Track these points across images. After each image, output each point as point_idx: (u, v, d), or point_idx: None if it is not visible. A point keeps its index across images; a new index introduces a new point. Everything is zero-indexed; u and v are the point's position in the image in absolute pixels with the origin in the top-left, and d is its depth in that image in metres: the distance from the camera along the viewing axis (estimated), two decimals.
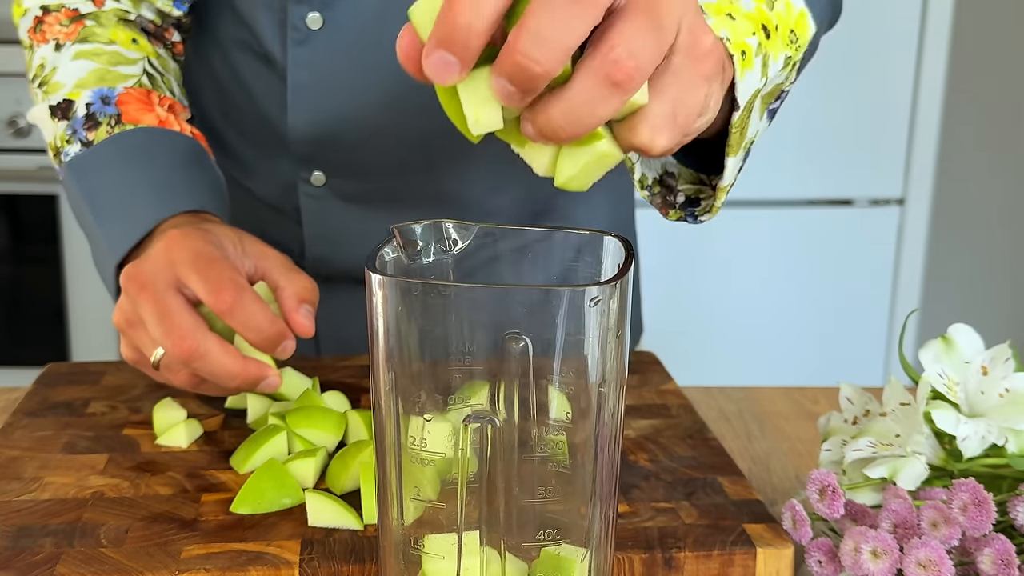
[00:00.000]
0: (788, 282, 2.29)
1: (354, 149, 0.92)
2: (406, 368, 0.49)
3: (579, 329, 0.47)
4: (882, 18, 2.19)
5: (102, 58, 0.88)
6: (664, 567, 0.62)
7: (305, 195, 0.96)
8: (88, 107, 0.86)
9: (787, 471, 0.83)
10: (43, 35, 0.90)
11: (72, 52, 0.88)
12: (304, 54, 0.89)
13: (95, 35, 0.89)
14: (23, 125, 2.11)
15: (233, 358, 0.72)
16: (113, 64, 0.88)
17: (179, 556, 0.61)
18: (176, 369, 0.74)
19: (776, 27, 0.67)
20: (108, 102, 0.86)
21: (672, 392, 0.86)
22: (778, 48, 0.67)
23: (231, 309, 0.71)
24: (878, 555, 0.58)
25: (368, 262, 0.49)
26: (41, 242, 2.18)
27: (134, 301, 0.73)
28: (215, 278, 0.72)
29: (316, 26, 0.89)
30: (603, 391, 0.49)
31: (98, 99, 0.86)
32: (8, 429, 0.77)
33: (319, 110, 0.91)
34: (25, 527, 0.64)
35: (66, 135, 0.86)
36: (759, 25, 0.65)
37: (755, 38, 0.64)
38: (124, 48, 0.89)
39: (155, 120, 0.87)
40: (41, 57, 0.90)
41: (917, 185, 2.27)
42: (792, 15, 0.69)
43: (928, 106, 2.23)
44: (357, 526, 0.64)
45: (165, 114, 0.87)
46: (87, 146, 0.85)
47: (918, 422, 0.63)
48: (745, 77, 0.64)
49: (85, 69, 0.87)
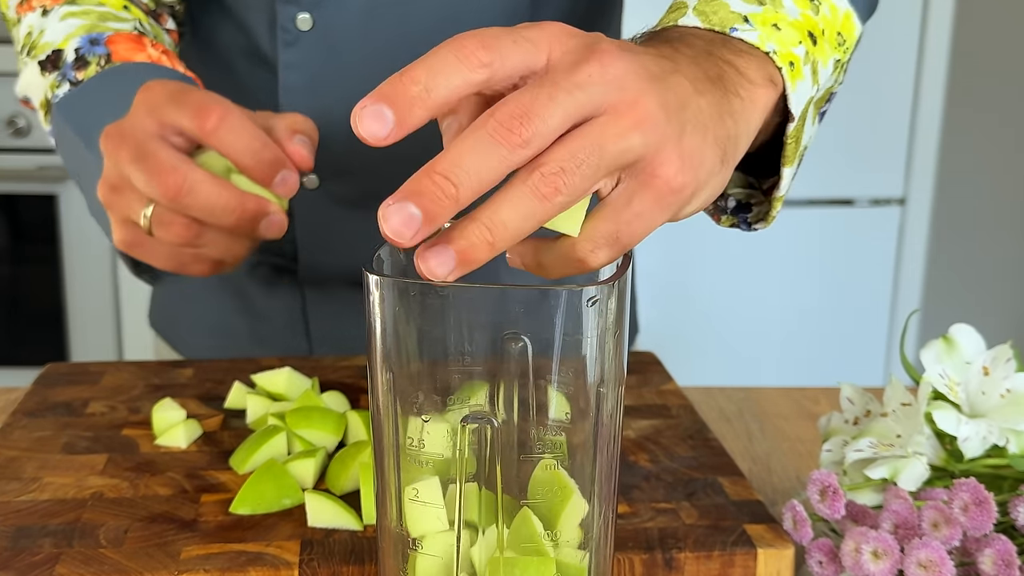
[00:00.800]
0: (788, 282, 2.29)
1: (348, 151, 0.92)
2: (404, 369, 0.49)
3: (577, 329, 0.47)
4: (882, 18, 2.19)
5: (92, 16, 0.84)
6: (664, 568, 0.62)
7: (298, 198, 0.95)
8: (77, 51, 0.81)
9: (788, 471, 0.83)
10: (29, 4, 0.87)
11: (60, 13, 0.85)
12: (295, 55, 0.89)
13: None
14: (23, 125, 2.11)
15: (228, 189, 0.66)
16: (103, 20, 0.84)
17: (179, 556, 0.61)
18: (168, 220, 0.68)
19: (823, 31, 0.65)
20: (97, 43, 0.81)
21: (672, 392, 0.86)
22: (826, 53, 0.65)
23: (216, 128, 0.66)
24: (879, 556, 0.58)
25: (366, 263, 0.49)
26: (41, 242, 2.18)
27: (115, 157, 0.68)
28: (196, 102, 0.67)
29: (306, 27, 0.88)
30: (602, 391, 0.49)
31: (87, 42, 0.81)
32: (7, 429, 0.77)
33: (312, 112, 0.91)
34: (24, 527, 0.64)
35: (56, 82, 0.82)
36: (805, 32, 0.63)
37: (802, 47, 0.62)
38: (115, 9, 0.86)
39: (147, 59, 0.82)
40: (28, 25, 0.86)
41: (918, 185, 2.27)
42: (838, 17, 0.67)
43: (929, 106, 2.23)
44: (357, 527, 0.64)
45: (158, 55, 0.82)
46: (75, 85, 0.80)
47: (919, 422, 0.63)
48: (797, 87, 0.61)
49: (74, 25, 0.83)
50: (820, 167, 2.24)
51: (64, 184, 2.13)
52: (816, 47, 0.63)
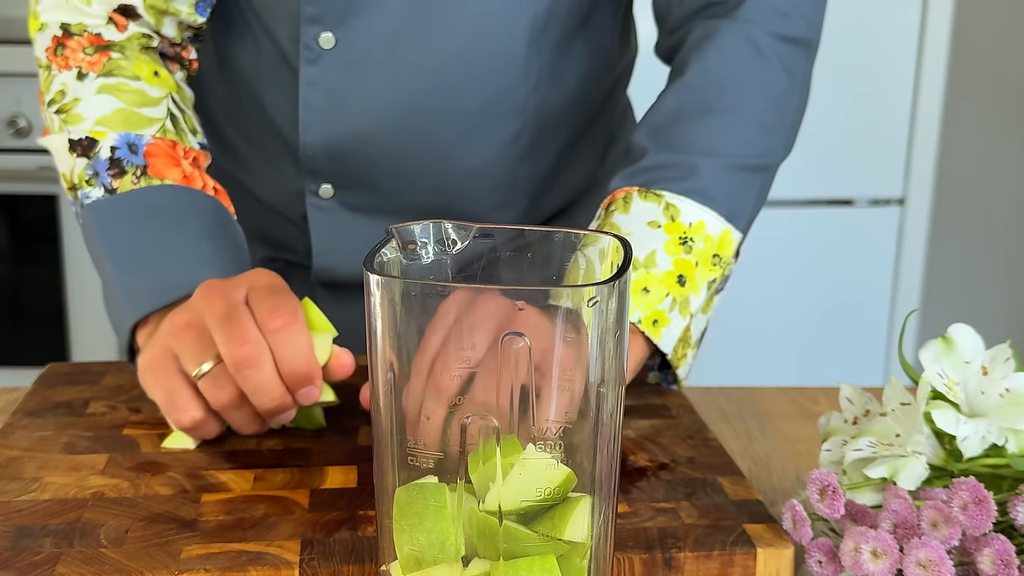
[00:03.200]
0: (788, 282, 2.29)
1: (364, 165, 0.93)
2: (404, 368, 0.49)
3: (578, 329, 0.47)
4: (882, 18, 2.19)
5: (126, 96, 0.86)
6: (664, 567, 0.62)
7: (313, 206, 0.96)
8: (113, 151, 0.85)
9: (787, 471, 0.83)
10: (65, 60, 0.88)
11: (96, 86, 0.86)
12: (316, 73, 0.90)
13: (120, 68, 0.87)
14: (23, 125, 2.11)
15: (279, 379, 0.72)
16: (138, 105, 0.87)
17: (179, 556, 0.61)
18: (223, 382, 0.72)
19: (697, 264, 0.80)
20: (135, 151, 0.85)
21: (672, 392, 0.86)
22: (698, 284, 0.80)
23: (279, 329, 0.72)
24: (878, 555, 0.58)
25: (366, 262, 0.49)
26: (41, 242, 2.18)
27: (208, 306, 0.73)
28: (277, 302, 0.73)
29: (328, 46, 0.89)
30: (602, 391, 0.49)
31: (124, 145, 0.85)
32: (8, 429, 0.77)
33: (331, 129, 0.91)
34: (25, 527, 0.64)
35: (86, 175, 0.85)
36: (674, 280, 0.79)
37: (668, 298, 0.78)
38: (148, 85, 0.88)
39: (180, 175, 0.86)
40: (62, 83, 0.87)
41: (917, 185, 2.27)
42: (713, 243, 0.81)
43: (928, 106, 2.23)
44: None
45: (190, 169, 0.87)
46: (110, 192, 0.84)
47: (918, 422, 0.63)
48: (663, 335, 0.79)
49: (109, 106, 0.86)
50: (820, 167, 2.24)
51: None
52: (685, 287, 0.79)
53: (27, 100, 2.10)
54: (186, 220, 0.84)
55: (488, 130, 0.92)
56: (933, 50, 2.20)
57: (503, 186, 0.96)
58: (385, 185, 0.94)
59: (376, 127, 0.91)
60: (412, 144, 0.92)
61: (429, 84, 0.90)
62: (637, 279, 0.78)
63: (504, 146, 0.94)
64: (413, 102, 0.90)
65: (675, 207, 0.80)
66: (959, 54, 2.42)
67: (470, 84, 0.90)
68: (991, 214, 2.68)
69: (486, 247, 0.57)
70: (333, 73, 0.89)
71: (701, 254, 0.80)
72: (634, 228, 0.80)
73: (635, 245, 0.78)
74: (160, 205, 0.84)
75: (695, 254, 0.80)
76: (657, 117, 0.86)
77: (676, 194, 0.81)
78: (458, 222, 0.55)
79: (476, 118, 0.92)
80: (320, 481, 0.70)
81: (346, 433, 0.77)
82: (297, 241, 1.01)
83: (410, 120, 0.91)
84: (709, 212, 0.81)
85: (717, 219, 0.81)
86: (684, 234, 0.80)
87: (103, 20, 0.88)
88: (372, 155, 0.92)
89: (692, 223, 0.80)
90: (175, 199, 0.84)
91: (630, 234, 0.79)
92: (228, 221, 0.87)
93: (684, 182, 0.81)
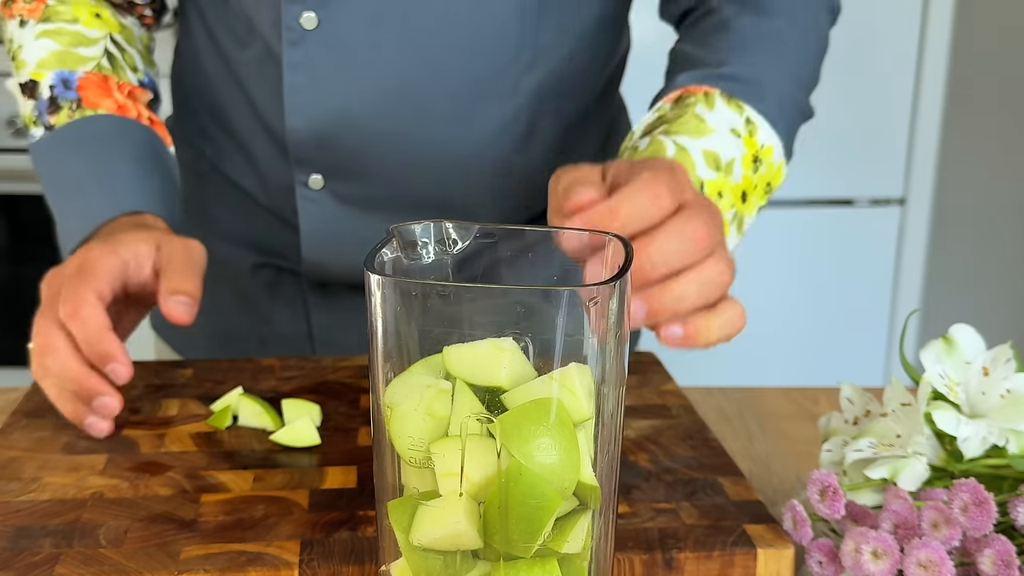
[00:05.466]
0: (788, 282, 2.29)
1: (353, 152, 0.92)
2: (405, 368, 0.49)
3: (579, 329, 0.47)
4: (882, 18, 2.19)
5: (63, 38, 0.91)
6: (664, 568, 0.62)
7: (303, 198, 0.95)
8: (51, 89, 0.90)
9: (788, 472, 0.83)
10: (10, 10, 0.94)
11: (35, 31, 0.92)
12: (299, 55, 0.89)
13: (57, 14, 0.92)
14: (23, 125, 2.11)
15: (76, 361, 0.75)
16: (74, 45, 0.91)
17: (178, 556, 0.61)
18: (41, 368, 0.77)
19: (755, 186, 0.81)
20: (69, 86, 0.90)
21: (672, 392, 0.86)
22: (753, 206, 0.81)
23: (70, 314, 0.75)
24: (879, 556, 0.58)
25: (367, 262, 0.49)
26: (41, 242, 2.18)
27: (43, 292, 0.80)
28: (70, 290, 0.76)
29: (311, 26, 0.88)
30: (603, 391, 0.49)
31: (60, 82, 0.90)
32: (7, 429, 0.77)
33: (316, 112, 0.90)
34: (24, 527, 0.64)
35: (32, 116, 0.91)
36: (739, 194, 0.79)
37: (733, 210, 0.78)
38: (86, 27, 0.92)
39: (113, 105, 0.90)
40: (10, 32, 0.94)
41: (917, 185, 2.27)
42: (772, 170, 0.82)
43: (929, 106, 2.23)
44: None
45: (124, 99, 0.91)
46: (49, 130, 0.90)
47: (919, 423, 0.63)
48: None
49: (46, 49, 0.91)
50: (820, 167, 2.24)
51: None
52: (745, 204, 0.80)
53: None
54: (113, 146, 0.88)
55: (480, 113, 0.91)
56: (933, 50, 2.20)
57: (499, 173, 0.94)
58: (375, 173, 0.93)
59: (363, 109, 0.90)
60: (402, 127, 0.90)
61: (417, 64, 0.88)
62: (715, 181, 0.77)
63: (498, 130, 0.92)
64: (401, 83, 0.89)
65: (754, 124, 0.81)
66: (959, 54, 2.42)
67: (460, 64, 0.89)
68: (991, 214, 2.68)
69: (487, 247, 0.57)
70: (317, 54, 0.89)
71: (762, 178, 0.81)
72: (718, 127, 0.79)
73: (717, 146, 0.77)
74: (91, 135, 0.89)
75: (758, 176, 0.80)
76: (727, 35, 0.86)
77: (755, 111, 0.81)
78: (459, 221, 0.55)
79: (467, 100, 0.90)
80: (320, 481, 0.70)
81: (346, 433, 0.77)
82: (288, 246, 1.00)
83: (398, 102, 0.89)
84: (776, 139, 0.82)
85: (780, 149, 0.82)
86: (757, 153, 0.80)
87: None
88: (361, 140, 0.91)
89: (764, 145, 0.81)
90: (106, 127, 0.89)
91: (714, 130, 0.78)
92: (159, 147, 0.91)
93: (759, 103, 0.82)
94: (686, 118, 0.78)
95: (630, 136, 0.82)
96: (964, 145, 2.60)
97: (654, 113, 0.82)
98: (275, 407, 0.78)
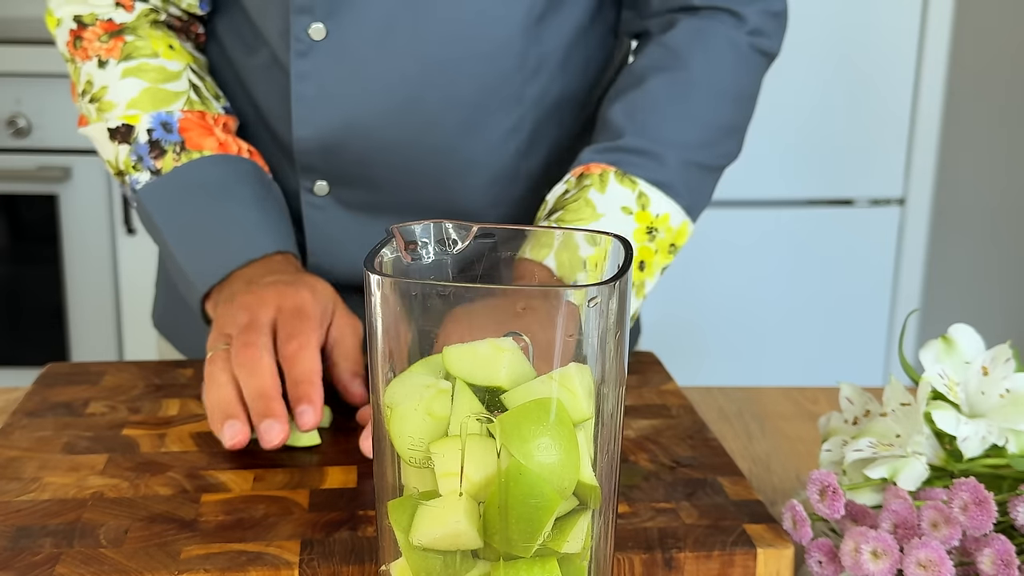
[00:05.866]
0: (788, 282, 2.29)
1: (358, 160, 0.92)
2: (405, 368, 0.49)
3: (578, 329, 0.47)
4: (882, 18, 2.19)
5: (149, 75, 0.91)
6: (664, 567, 0.62)
7: (308, 204, 0.95)
8: (150, 133, 0.90)
9: (787, 471, 0.83)
10: (84, 52, 0.93)
11: (119, 71, 0.91)
12: (307, 65, 0.89)
13: (138, 49, 0.92)
14: (23, 125, 2.11)
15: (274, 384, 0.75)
16: (162, 82, 0.91)
17: (179, 556, 0.61)
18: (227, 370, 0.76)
19: (656, 252, 0.86)
20: (170, 129, 0.90)
21: (672, 392, 0.86)
22: (654, 271, 0.86)
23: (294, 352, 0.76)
24: (878, 555, 0.58)
25: (367, 262, 0.49)
26: (41, 242, 2.18)
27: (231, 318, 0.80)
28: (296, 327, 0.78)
29: (319, 37, 0.88)
30: (603, 391, 0.49)
31: (159, 125, 0.90)
32: (8, 429, 0.77)
33: (324, 122, 0.91)
34: (25, 527, 0.64)
35: (131, 161, 0.90)
36: (637, 264, 0.84)
37: None
38: (166, 60, 0.93)
39: (215, 143, 0.91)
40: (87, 74, 0.93)
41: (917, 185, 2.27)
42: (672, 232, 0.87)
43: (928, 106, 2.23)
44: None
45: (223, 136, 0.92)
46: (155, 174, 0.90)
47: (918, 422, 0.63)
48: None
49: (136, 88, 0.91)
50: (820, 167, 2.24)
51: (64, 184, 2.13)
52: (644, 271, 0.85)
53: (27, 100, 2.10)
54: (231, 190, 0.90)
55: (485, 122, 0.92)
56: (933, 50, 2.20)
57: (502, 181, 0.95)
58: (381, 180, 0.94)
59: (370, 119, 0.90)
60: (407, 137, 0.91)
61: (423, 75, 0.89)
62: None
63: (502, 139, 0.93)
64: (407, 93, 0.90)
65: (647, 196, 0.86)
66: (959, 54, 2.42)
67: (466, 74, 0.90)
68: (991, 214, 2.68)
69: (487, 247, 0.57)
70: (325, 65, 0.89)
71: (662, 243, 0.87)
72: (608, 210, 0.84)
73: (607, 227, 0.83)
74: (205, 179, 0.90)
75: (656, 243, 0.86)
76: (636, 95, 0.90)
77: (649, 184, 0.86)
78: (459, 222, 0.55)
79: (473, 109, 0.91)
80: (320, 481, 0.70)
81: (346, 433, 0.77)
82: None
83: (405, 112, 0.90)
84: (674, 205, 0.87)
85: (680, 212, 0.87)
86: (651, 224, 0.86)
87: (111, 5, 0.93)
88: (367, 148, 0.92)
89: (659, 214, 0.86)
90: (217, 170, 0.90)
91: (603, 215, 0.84)
92: (267, 181, 0.93)
93: (656, 172, 0.86)
94: (579, 204, 0.85)
95: (543, 205, 0.88)
96: (964, 145, 2.60)
97: (562, 185, 0.88)
98: None
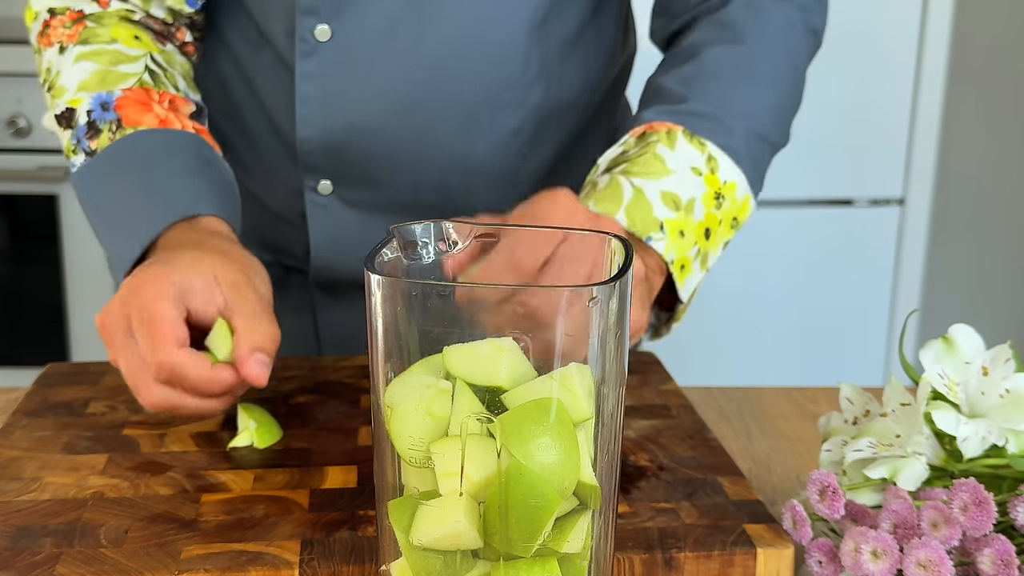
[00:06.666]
0: (788, 282, 2.29)
1: (362, 160, 0.92)
2: (405, 368, 0.49)
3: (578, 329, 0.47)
4: (882, 18, 2.19)
5: (103, 58, 0.87)
6: (664, 567, 0.62)
7: (311, 203, 0.96)
8: (89, 114, 0.85)
9: (787, 471, 0.83)
10: (48, 39, 0.89)
11: (74, 54, 0.87)
12: (311, 66, 0.89)
13: (96, 35, 0.88)
14: (23, 125, 2.11)
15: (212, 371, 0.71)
16: (114, 63, 0.87)
17: (179, 556, 0.61)
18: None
19: (720, 221, 0.82)
20: (107, 108, 0.85)
21: (672, 392, 0.86)
22: (718, 242, 0.83)
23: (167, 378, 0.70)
24: (878, 555, 0.58)
25: (367, 262, 0.49)
26: (41, 242, 2.18)
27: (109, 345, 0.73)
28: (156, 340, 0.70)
29: (324, 38, 0.88)
30: (603, 391, 0.49)
31: (98, 105, 0.85)
32: (8, 429, 0.77)
33: (328, 122, 0.91)
34: (25, 527, 0.64)
35: (71, 145, 0.85)
36: (703, 232, 0.80)
37: (695, 248, 0.80)
38: (125, 46, 0.88)
39: (155, 120, 0.85)
40: (47, 61, 0.89)
41: (917, 185, 2.27)
42: (736, 205, 0.83)
43: (928, 106, 2.23)
44: None
45: (164, 112, 0.86)
46: (90, 155, 0.84)
47: (918, 422, 0.63)
48: (685, 282, 0.81)
49: (87, 71, 0.86)
50: (820, 167, 2.24)
51: (64, 184, 2.13)
52: (709, 240, 0.81)
53: (27, 100, 2.10)
54: (160, 161, 0.82)
55: (488, 124, 0.92)
56: (933, 49, 2.20)
57: (504, 182, 0.95)
58: (384, 180, 0.94)
59: (374, 120, 0.90)
60: (411, 138, 0.91)
61: (427, 76, 0.89)
62: (676, 220, 0.79)
63: (505, 140, 0.93)
64: (411, 95, 0.90)
65: (716, 160, 0.82)
66: (959, 53, 2.42)
67: (469, 76, 0.90)
68: (991, 214, 2.68)
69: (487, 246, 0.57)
70: (329, 66, 0.89)
71: (727, 213, 0.82)
72: (678, 168, 0.80)
73: (677, 187, 0.79)
74: (134, 153, 0.83)
75: (722, 212, 0.82)
76: (692, 66, 0.87)
77: (719, 148, 0.82)
78: (458, 222, 0.55)
79: (476, 111, 0.91)
80: (320, 481, 0.70)
81: (346, 433, 0.77)
82: (295, 244, 1.01)
83: (408, 113, 0.90)
84: (741, 175, 0.83)
85: (745, 184, 0.84)
86: (719, 190, 0.82)
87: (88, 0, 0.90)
88: (370, 149, 0.92)
89: (727, 181, 0.82)
90: (149, 142, 0.83)
91: (673, 171, 0.80)
92: (209, 156, 0.86)
93: (725, 138, 0.83)
94: (647, 158, 0.80)
95: (595, 169, 0.83)
96: (964, 145, 2.60)
97: (619, 147, 0.83)
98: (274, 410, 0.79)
